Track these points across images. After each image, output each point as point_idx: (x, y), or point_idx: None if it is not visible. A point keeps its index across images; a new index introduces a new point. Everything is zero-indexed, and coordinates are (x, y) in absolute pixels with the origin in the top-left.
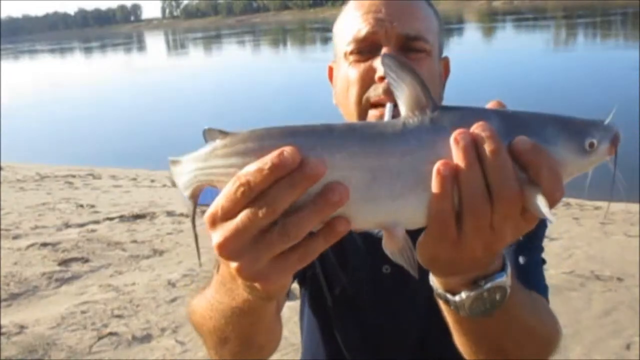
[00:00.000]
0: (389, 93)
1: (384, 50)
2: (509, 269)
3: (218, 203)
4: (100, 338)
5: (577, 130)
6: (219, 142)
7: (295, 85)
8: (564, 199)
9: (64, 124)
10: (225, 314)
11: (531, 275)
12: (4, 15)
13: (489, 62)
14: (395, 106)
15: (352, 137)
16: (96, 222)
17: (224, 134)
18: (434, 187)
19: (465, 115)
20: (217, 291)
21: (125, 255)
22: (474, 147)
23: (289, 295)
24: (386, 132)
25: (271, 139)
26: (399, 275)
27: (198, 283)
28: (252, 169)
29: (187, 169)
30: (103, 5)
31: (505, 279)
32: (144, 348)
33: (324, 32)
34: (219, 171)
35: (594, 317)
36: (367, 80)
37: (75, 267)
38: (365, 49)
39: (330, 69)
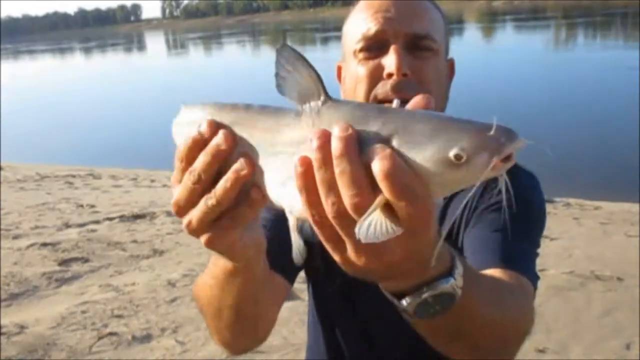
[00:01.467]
0: (396, 90)
1: (393, 48)
2: (457, 272)
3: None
4: (100, 338)
5: (447, 138)
6: (181, 112)
7: None
8: (564, 199)
9: (64, 124)
10: (218, 280)
11: (519, 261)
12: (4, 15)
13: (488, 62)
14: (402, 103)
15: (259, 121)
16: (96, 222)
17: (191, 105)
18: (296, 183)
19: (347, 110)
20: (210, 260)
21: (125, 255)
22: (328, 147)
23: (289, 296)
24: (280, 120)
25: (219, 113)
26: None
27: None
28: (182, 140)
29: (173, 132)
30: (103, 5)
31: (451, 284)
32: (144, 348)
33: (323, 32)
34: (179, 138)
35: (594, 317)
36: (375, 77)
37: (75, 267)
38: (373, 46)
39: (339, 68)
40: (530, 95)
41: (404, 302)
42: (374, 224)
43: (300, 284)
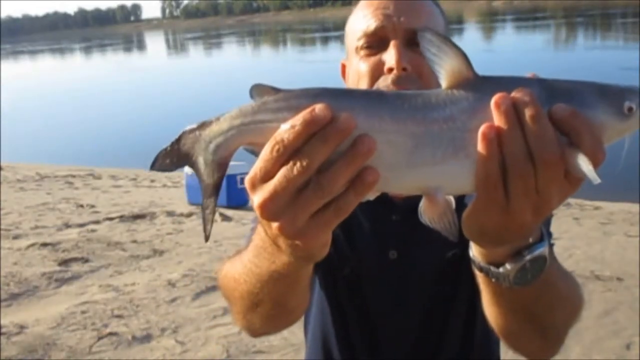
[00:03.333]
0: (397, 83)
1: (392, 43)
2: (547, 239)
3: (256, 166)
4: (100, 338)
5: (615, 96)
6: (270, 97)
7: (294, 84)
8: None
9: (64, 124)
10: (262, 277)
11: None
12: (4, 15)
13: (488, 62)
14: None
15: (399, 104)
16: (96, 222)
17: (275, 90)
18: (480, 149)
19: (506, 83)
20: (256, 255)
21: (125, 255)
22: (514, 110)
23: None
24: (430, 100)
25: (325, 98)
26: (405, 261)
27: (198, 283)
28: (286, 126)
29: (223, 128)
30: (103, 5)
31: (545, 249)
32: (144, 348)
33: (322, 32)
34: (269, 126)
35: (594, 317)
36: (376, 73)
37: (75, 267)
38: (374, 43)
39: (343, 66)
40: None
41: (507, 267)
42: (591, 170)
43: None
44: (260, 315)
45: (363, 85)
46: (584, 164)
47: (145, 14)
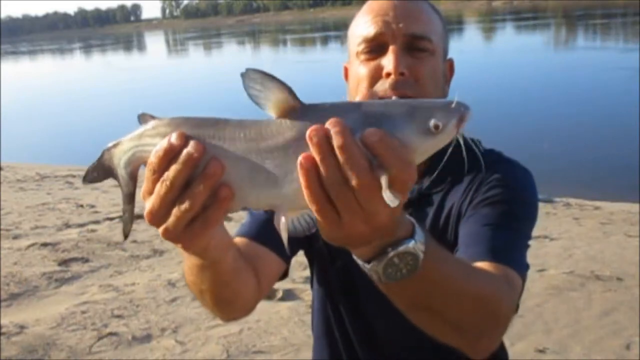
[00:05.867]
0: (394, 88)
1: (391, 49)
2: (419, 236)
3: (144, 182)
4: (100, 338)
5: (422, 115)
6: (148, 125)
7: (294, 84)
8: (564, 199)
9: (64, 124)
10: (192, 270)
11: (506, 254)
12: (4, 15)
13: (488, 62)
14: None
15: (237, 133)
16: (96, 222)
17: (153, 118)
18: (301, 177)
19: (328, 111)
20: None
21: (125, 255)
22: (326, 141)
23: (289, 296)
24: (261, 130)
25: (183, 127)
26: None
27: None
28: (153, 152)
29: (125, 148)
30: (103, 5)
31: (413, 245)
32: (144, 348)
33: (322, 32)
34: (149, 149)
35: (594, 317)
36: (375, 77)
37: (75, 267)
38: (374, 48)
39: (346, 69)
40: (530, 95)
41: (373, 263)
42: (389, 194)
43: (300, 285)
44: (207, 303)
45: (362, 88)
46: (384, 188)
47: (145, 14)
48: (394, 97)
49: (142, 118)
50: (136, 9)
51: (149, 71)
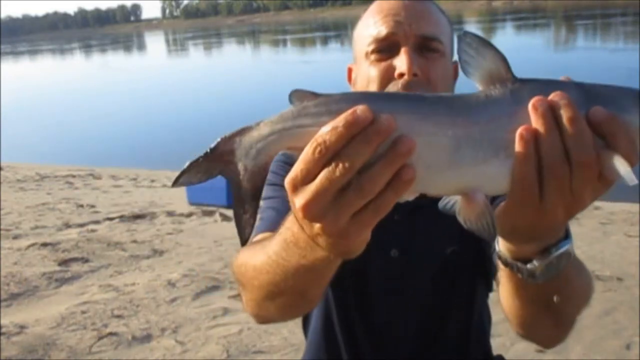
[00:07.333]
0: (407, 89)
1: (403, 49)
2: (571, 236)
3: (297, 167)
4: (100, 338)
5: None
6: (310, 102)
7: (293, 85)
8: None
9: (64, 123)
10: (288, 270)
11: None
12: (4, 15)
13: None
14: None
15: (440, 107)
16: (96, 222)
17: (315, 94)
18: (518, 150)
19: (544, 86)
20: (285, 249)
21: (125, 255)
22: (551, 113)
23: None
24: (470, 102)
25: (365, 101)
26: (406, 259)
27: (198, 283)
28: (328, 128)
29: (264, 133)
30: (103, 5)
31: (570, 246)
32: (144, 348)
33: (322, 32)
34: (309, 130)
35: (594, 317)
36: (386, 78)
37: (75, 267)
38: (385, 48)
39: (349, 70)
40: None
41: (535, 263)
42: (627, 170)
43: None
44: (278, 304)
45: (373, 89)
46: (621, 165)
47: (145, 14)
48: None
49: (298, 95)
50: (136, 9)
51: (149, 71)
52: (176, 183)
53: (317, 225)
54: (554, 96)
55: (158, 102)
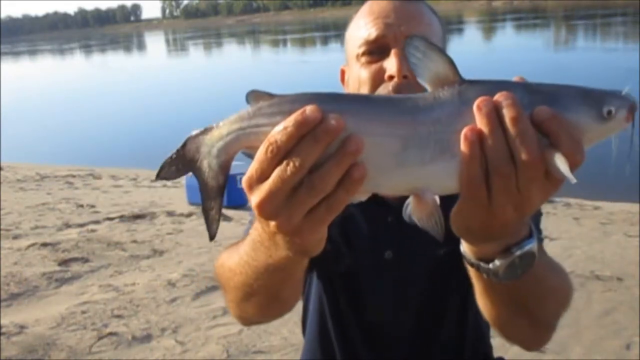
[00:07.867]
0: (397, 91)
1: (393, 51)
2: (535, 236)
3: (252, 167)
4: (100, 338)
5: (595, 99)
6: (265, 102)
7: (293, 84)
8: (564, 199)
9: (64, 124)
10: (258, 270)
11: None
12: (4, 15)
13: (488, 62)
14: None
15: (388, 107)
16: (96, 222)
17: (270, 95)
18: (463, 150)
19: (490, 87)
20: (253, 249)
21: (125, 255)
22: (495, 113)
23: None
24: (418, 103)
25: (316, 101)
26: (400, 261)
27: (198, 283)
28: (279, 128)
29: (223, 133)
30: (103, 5)
31: (534, 245)
32: (144, 348)
33: (322, 32)
34: (264, 130)
35: (594, 317)
36: (377, 80)
37: (75, 267)
38: (375, 50)
39: (342, 72)
40: None
41: (497, 263)
42: (566, 169)
43: None
44: (253, 304)
45: (364, 91)
46: (562, 164)
47: (145, 14)
48: None
49: (254, 96)
50: (136, 9)
51: (149, 71)
52: (158, 177)
53: (273, 224)
54: (498, 96)
55: (158, 102)
